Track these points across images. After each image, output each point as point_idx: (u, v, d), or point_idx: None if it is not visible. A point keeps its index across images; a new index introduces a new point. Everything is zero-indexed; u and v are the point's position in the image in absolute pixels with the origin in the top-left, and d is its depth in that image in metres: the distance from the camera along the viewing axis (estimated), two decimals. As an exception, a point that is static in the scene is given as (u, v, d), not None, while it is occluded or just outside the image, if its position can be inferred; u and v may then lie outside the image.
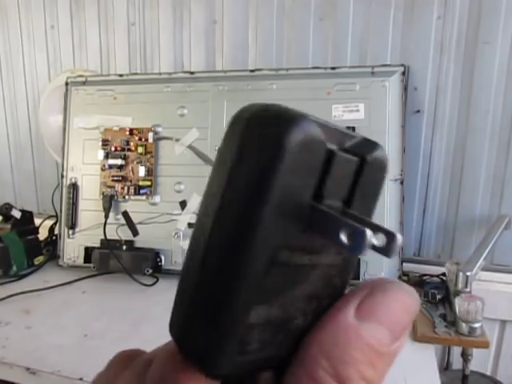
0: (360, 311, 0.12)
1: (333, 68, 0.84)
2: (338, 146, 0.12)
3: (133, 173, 0.92)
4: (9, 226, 0.92)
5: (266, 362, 0.13)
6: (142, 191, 0.91)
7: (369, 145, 0.13)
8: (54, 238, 0.99)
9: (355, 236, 0.11)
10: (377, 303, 0.12)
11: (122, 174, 0.92)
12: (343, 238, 0.11)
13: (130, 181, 0.92)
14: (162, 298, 0.79)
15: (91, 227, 0.93)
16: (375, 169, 0.13)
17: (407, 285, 0.13)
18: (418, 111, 0.89)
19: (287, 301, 0.12)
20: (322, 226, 0.12)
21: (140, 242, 0.91)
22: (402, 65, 0.82)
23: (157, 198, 0.91)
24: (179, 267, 0.88)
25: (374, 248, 0.11)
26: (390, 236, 0.11)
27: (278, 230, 0.11)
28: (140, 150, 0.91)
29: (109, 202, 0.91)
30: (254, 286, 0.11)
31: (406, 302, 0.13)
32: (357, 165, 0.12)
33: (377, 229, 0.11)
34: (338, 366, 0.12)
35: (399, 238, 0.11)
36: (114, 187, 0.92)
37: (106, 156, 0.93)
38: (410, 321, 0.13)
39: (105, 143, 0.93)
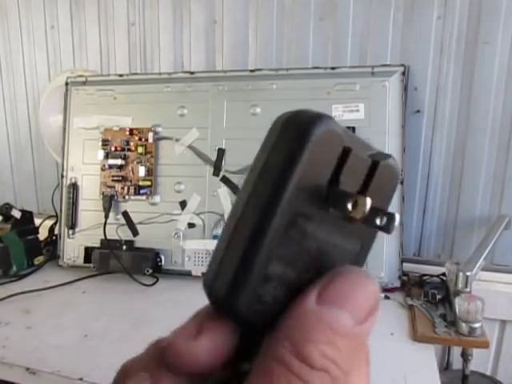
0: (321, 297, 0.13)
1: (333, 68, 0.84)
2: (355, 148, 0.15)
3: (133, 173, 0.92)
4: (9, 226, 0.92)
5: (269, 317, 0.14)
6: (142, 191, 0.91)
7: (383, 154, 0.16)
8: (54, 237, 0.99)
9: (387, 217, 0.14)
10: (336, 289, 0.13)
11: (122, 174, 0.92)
12: (349, 207, 0.14)
13: (130, 181, 0.92)
14: (162, 297, 0.79)
15: (91, 227, 0.93)
16: (387, 172, 0.16)
17: (366, 271, 0.14)
18: (418, 111, 0.89)
19: (301, 267, 0.15)
20: (335, 202, 0.14)
21: (140, 241, 0.91)
22: (402, 65, 0.82)
23: (157, 198, 0.91)
24: (179, 267, 0.89)
25: (377, 226, 0.14)
26: (390, 216, 0.14)
27: (299, 198, 0.14)
28: (140, 150, 0.91)
29: (109, 202, 0.91)
30: (275, 240, 0.14)
31: (365, 287, 0.14)
32: (370, 165, 0.15)
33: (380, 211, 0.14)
34: (299, 345, 0.12)
35: (397, 217, 0.14)
36: (114, 187, 0.92)
37: (106, 156, 0.93)
38: (373, 305, 0.13)
39: (105, 143, 0.93)
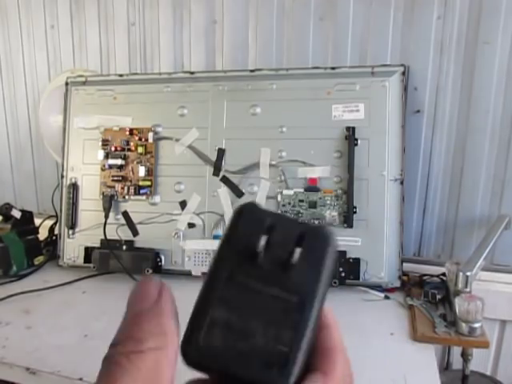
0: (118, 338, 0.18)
1: (333, 68, 0.84)
2: (283, 224, 0.19)
3: (133, 173, 0.92)
4: (9, 226, 0.92)
5: (232, 366, 0.17)
6: (141, 191, 0.91)
7: (314, 226, 0.19)
8: (54, 237, 0.99)
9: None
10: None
11: (122, 173, 0.92)
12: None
13: (130, 181, 0.92)
14: (162, 297, 0.79)
15: (91, 227, 0.93)
16: (317, 239, 0.19)
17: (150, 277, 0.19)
18: (418, 111, 0.89)
19: (245, 316, 0.17)
20: (263, 260, 0.18)
21: (140, 241, 0.91)
22: (402, 65, 0.82)
23: (157, 198, 0.91)
24: (179, 267, 0.89)
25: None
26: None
27: (235, 257, 0.18)
28: (140, 150, 0.91)
29: (109, 202, 0.91)
30: (217, 290, 0.18)
31: (143, 283, 0.19)
32: (298, 234, 0.18)
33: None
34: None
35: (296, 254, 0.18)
36: (114, 187, 0.92)
37: (106, 156, 0.93)
38: (156, 288, 0.19)
39: (105, 143, 0.93)
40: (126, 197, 0.92)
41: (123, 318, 0.18)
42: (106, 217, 0.90)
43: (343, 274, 0.80)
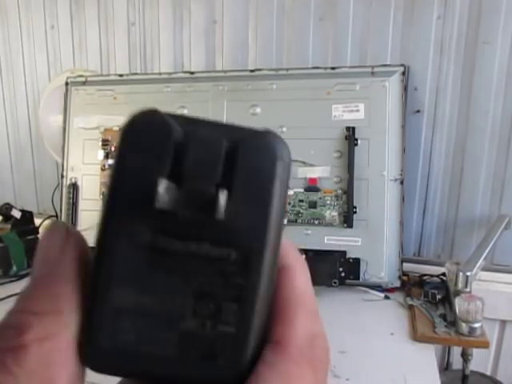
0: None
1: (333, 68, 0.84)
2: (202, 136, 0.12)
3: (133, 173, 0.92)
4: (9, 226, 0.92)
5: (157, 366, 0.12)
6: (142, 191, 0.91)
7: (251, 133, 0.13)
8: (54, 238, 0.99)
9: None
10: None
11: (122, 174, 0.92)
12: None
13: (130, 181, 0.92)
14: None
15: (91, 227, 0.93)
16: (256, 153, 0.12)
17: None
18: (418, 111, 0.89)
19: (164, 291, 0.12)
20: (181, 207, 0.11)
21: (140, 242, 0.90)
22: (402, 65, 0.82)
23: (157, 198, 0.91)
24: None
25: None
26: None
27: (131, 207, 0.12)
28: (140, 150, 0.91)
29: (109, 202, 0.91)
30: (114, 263, 0.11)
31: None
32: (227, 150, 0.12)
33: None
34: None
35: (222, 199, 0.11)
36: (114, 187, 0.92)
37: (106, 156, 0.93)
38: (38, 249, 0.14)
39: (105, 143, 0.93)
40: (126, 197, 0.92)
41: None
42: (106, 217, 0.90)
43: (343, 274, 0.80)
